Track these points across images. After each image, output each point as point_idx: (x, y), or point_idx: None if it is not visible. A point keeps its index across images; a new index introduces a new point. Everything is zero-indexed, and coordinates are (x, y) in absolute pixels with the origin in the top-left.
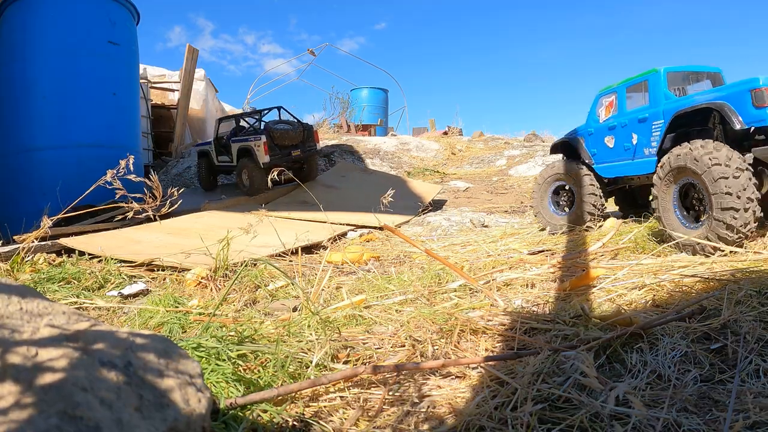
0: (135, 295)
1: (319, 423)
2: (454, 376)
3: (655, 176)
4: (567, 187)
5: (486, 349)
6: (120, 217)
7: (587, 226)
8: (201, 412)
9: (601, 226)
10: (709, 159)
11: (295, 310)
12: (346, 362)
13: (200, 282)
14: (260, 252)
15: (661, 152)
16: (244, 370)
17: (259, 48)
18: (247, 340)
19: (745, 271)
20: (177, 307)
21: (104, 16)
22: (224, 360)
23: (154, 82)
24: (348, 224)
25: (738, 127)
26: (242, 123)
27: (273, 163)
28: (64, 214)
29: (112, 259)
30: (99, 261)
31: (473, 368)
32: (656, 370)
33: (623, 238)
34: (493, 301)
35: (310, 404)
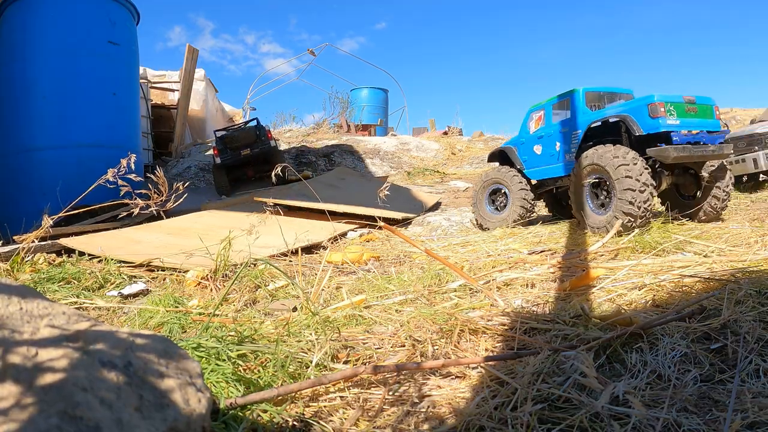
0: (135, 295)
1: (319, 423)
2: (454, 376)
3: (572, 174)
4: (502, 191)
5: (486, 349)
6: (125, 214)
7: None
8: (201, 412)
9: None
10: (612, 156)
11: (295, 310)
12: (346, 362)
13: (200, 282)
14: (260, 252)
15: (579, 157)
16: (244, 370)
17: (260, 48)
18: (247, 340)
19: (745, 271)
20: (177, 307)
21: (104, 16)
22: (224, 360)
23: (154, 82)
24: (347, 213)
25: (638, 133)
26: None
27: (224, 163)
28: (65, 212)
29: (112, 259)
30: (99, 261)
31: (473, 368)
32: (656, 370)
33: (623, 238)
34: (493, 301)
35: (310, 404)
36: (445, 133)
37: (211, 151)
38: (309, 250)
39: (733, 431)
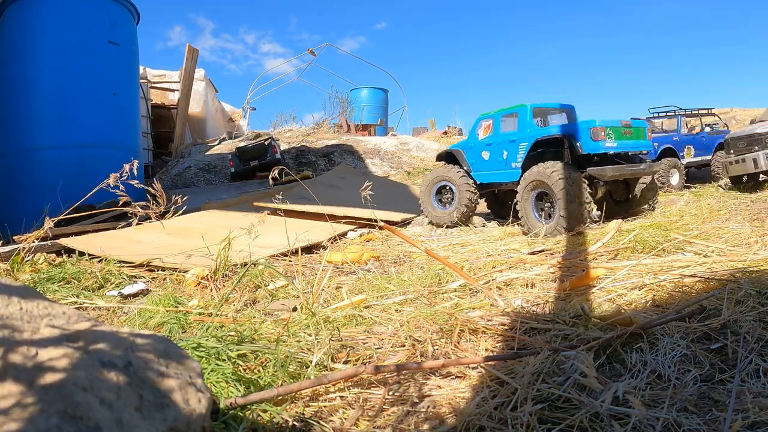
0: (135, 295)
1: (319, 423)
2: (454, 376)
3: (518, 188)
4: (449, 188)
5: (486, 349)
6: (124, 224)
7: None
8: (201, 412)
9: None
10: (554, 173)
11: (295, 310)
12: (346, 362)
13: (200, 282)
14: (260, 252)
15: (524, 166)
16: (244, 370)
17: (260, 47)
18: (247, 340)
19: (745, 271)
20: (177, 307)
21: (104, 16)
22: (224, 360)
23: (154, 82)
24: (347, 216)
25: (580, 152)
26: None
27: (238, 171)
28: (65, 215)
29: (112, 259)
30: (99, 261)
31: (473, 368)
32: (656, 370)
33: (623, 238)
34: (493, 301)
35: (310, 404)
36: (445, 133)
37: (211, 151)
38: (309, 250)
39: (733, 431)
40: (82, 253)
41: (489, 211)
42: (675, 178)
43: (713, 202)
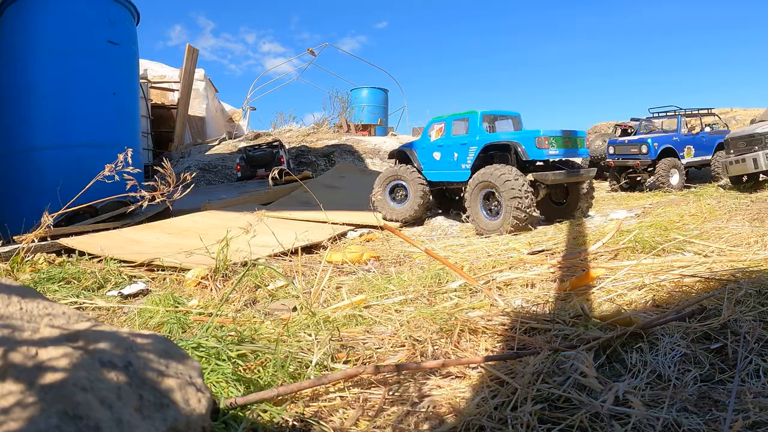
0: (135, 295)
1: (319, 423)
2: (454, 376)
3: (467, 188)
4: (402, 185)
5: (486, 349)
6: (132, 207)
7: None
8: (201, 412)
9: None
10: (502, 175)
11: (294, 310)
12: (346, 362)
13: (200, 282)
14: (260, 252)
15: (474, 168)
16: (244, 370)
17: (260, 47)
18: (246, 340)
19: (745, 271)
20: (177, 307)
21: (104, 15)
22: (224, 360)
23: (154, 82)
24: (348, 224)
25: (525, 159)
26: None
27: (245, 176)
28: (64, 210)
29: (112, 259)
30: (99, 261)
31: (473, 368)
32: (656, 370)
33: (623, 238)
34: (493, 301)
35: (310, 404)
36: None
37: (211, 151)
38: (309, 249)
39: (734, 431)
40: (82, 253)
41: (437, 205)
42: (675, 178)
43: (713, 202)
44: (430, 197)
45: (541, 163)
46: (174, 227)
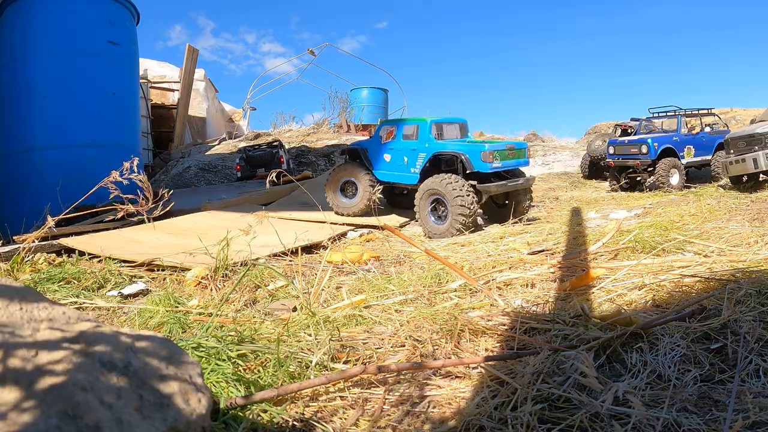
0: (135, 295)
1: (319, 423)
2: (454, 376)
3: (417, 195)
4: (353, 182)
5: (486, 349)
6: (110, 218)
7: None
8: (201, 412)
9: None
10: (448, 185)
11: (295, 310)
12: (346, 362)
13: (200, 282)
14: (260, 252)
15: (423, 172)
16: (244, 370)
17: (260, 47)
18: (246, 340)
19: (745, 271)
20: (177, 307)
21: (104, 15)
22: (224, 360)
23: (154, 82)
24: (348, 224)
25: (470, 170)
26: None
27: (244, 176)
28: (65, 214)
29: (112, 259)
30: (99, 261)
31: (473, 368)
32: (656, 370)
33: (623, 238)
34: (493, 301)
35: (310, 404)
36: None
37: (211, 151)
38: (309, 249)
39: (734, 431)
40: (82, 253)
41: (384, 199)
42: (675, 178)
43: (713, 202)
44: (378, 193)
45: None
46: (174, 227)
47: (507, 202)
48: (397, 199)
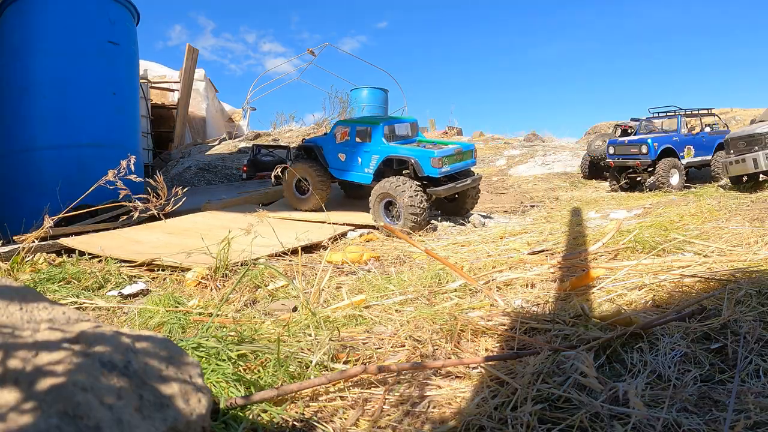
0: (135, 295)
1: (319, 423)
2: (454, 376)
3: (371, 197)
4: (306, 179)
5: (486, 349)
6: (125, 217)
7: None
8: (201, 412)
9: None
10: (399, 188)
11: (295, 310)
12: (346, 362)
13: (200, 282)
14: (260, 252)
15: (376, 173)
16: (245, 370)
17: (260, 47)
18: (247, 340)
19: (745, 271)
20: (177, 307)
21: (104, 15)
22: (224, 360)
23: (155, 82)
24: (348, 224)
25: (421, 174)
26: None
27: (249, 177)
28: (65, 213)
29: (112, 259)
30: (99, 261)
31: (473, 368)
32: (656, 370)
33: (623, 238)
34: (493, 301)
35: (311, 404)
36: (445, 133)
37: (211, 151)
38: (309, 249)
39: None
40: (82, 253)
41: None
42: (675, 178)
43: (713, 202)
44: (329, 189)
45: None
46: (174, 227)
47: (457, 197)
48: (354, 191)
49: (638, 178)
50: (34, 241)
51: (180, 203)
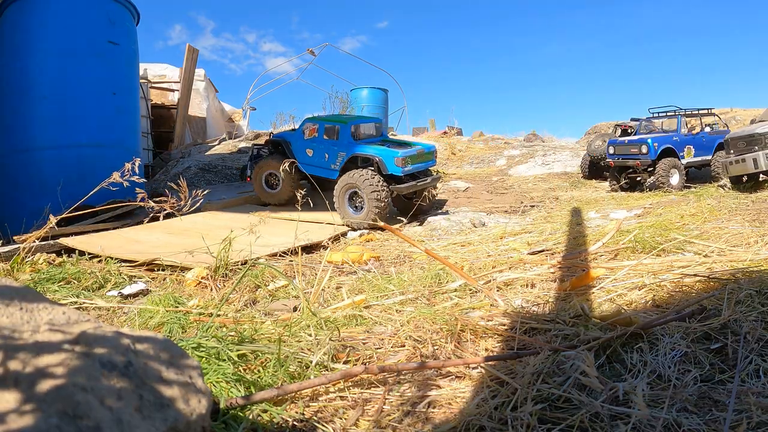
0: (135, 295)
1: (319, 423)
2: (454, 376)
3: (336, 187)
4: (275, 174)
5: (486, 349)
6: (123, 218)
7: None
8: (201, 413)
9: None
10: (365, 180)
11: (295, 310)
12: (346, 362)
13: (200, 282)
14: (260, 252)
15: (342, 169)
16: (245, 370)
17: (260, 47)
18: (247, 340)
19: (745, 271)
20: (177, 307)
21: (104, 15)
22: (224, 360)
23: (154, 82)
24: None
25: (385, 172)
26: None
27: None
28: (68, 213)
29: (112, 259)
30: (99, 261)
31: (473, 368)
32: (656, 370)
33: (623, 238)
34: (493, 301)
35: (311, 404)
36: (445, 133)
37: (211, 151)
38: (309, 249)
39: None
40: (82, 253)
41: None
42: (675, 178)
43: (713, 202)
44: (299, 183)
45: None
46: (174, 227)
47: (414, 197)
48: (320, 185)
49: (638, 178)
50: (34, 241)
51: (198, 203)
